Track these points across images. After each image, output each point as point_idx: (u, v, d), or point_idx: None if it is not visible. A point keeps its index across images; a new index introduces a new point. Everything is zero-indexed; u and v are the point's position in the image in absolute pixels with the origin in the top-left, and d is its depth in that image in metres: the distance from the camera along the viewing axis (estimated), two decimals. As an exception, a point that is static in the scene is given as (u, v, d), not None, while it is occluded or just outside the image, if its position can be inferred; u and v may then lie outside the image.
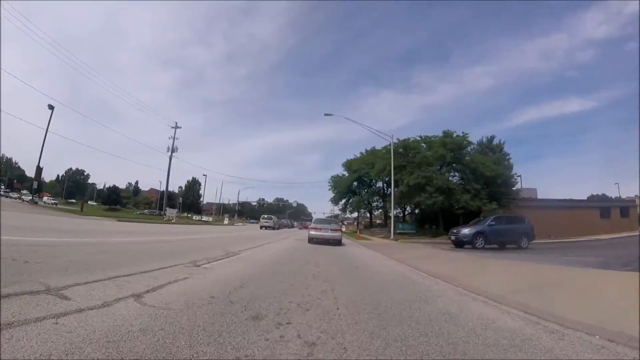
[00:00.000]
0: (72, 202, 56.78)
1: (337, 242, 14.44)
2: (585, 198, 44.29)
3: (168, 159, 42.10)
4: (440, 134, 29.96)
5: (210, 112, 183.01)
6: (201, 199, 74.98)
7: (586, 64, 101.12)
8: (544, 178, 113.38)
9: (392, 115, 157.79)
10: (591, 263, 8.06)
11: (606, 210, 32.25)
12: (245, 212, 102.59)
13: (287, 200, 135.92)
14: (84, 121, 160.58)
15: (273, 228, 36.13)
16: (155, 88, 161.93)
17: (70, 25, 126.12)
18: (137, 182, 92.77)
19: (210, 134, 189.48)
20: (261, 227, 35.64)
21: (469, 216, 24.81)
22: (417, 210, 35.83)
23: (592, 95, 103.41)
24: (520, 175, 35.40)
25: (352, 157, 42.24)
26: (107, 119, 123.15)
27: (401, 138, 30.27)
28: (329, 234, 14.33)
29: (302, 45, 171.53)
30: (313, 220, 17.20)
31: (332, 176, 45.32)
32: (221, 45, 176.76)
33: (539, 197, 35.36)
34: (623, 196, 46.18)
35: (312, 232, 14.62)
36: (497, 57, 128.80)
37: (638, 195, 40.49)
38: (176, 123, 43.31)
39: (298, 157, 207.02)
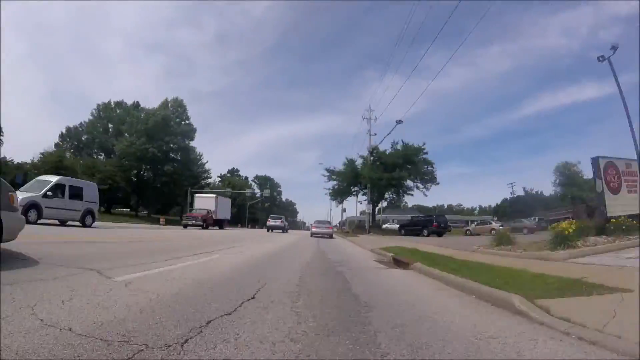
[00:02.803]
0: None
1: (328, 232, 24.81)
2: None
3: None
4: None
5: (199, 105, 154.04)
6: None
7: (609, 44, 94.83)
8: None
9: (397, 105, 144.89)
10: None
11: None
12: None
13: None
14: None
15: None
16: (140, 77, 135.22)
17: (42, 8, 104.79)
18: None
19: (198, 129, 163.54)
20: None
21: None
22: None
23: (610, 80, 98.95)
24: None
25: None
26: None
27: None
28: (324, 229, 24.20)
29: (301, 24, 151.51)
30: (314, 221, 26.49)
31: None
32: (212, 23, 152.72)
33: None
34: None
35: (314, 227, 24.81)
36: (515, 34, 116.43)
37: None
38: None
39: (294, 154, 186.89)
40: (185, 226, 26.47)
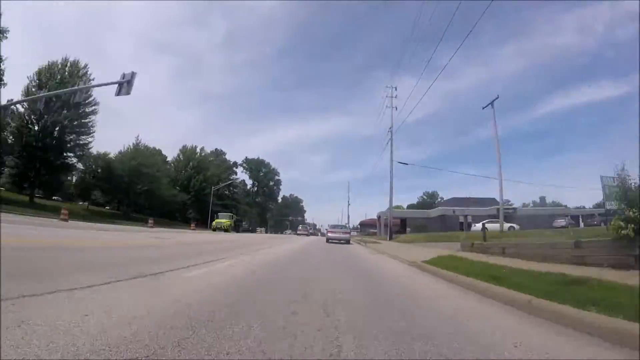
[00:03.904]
0: None
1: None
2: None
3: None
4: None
5: (208, 106, 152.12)
6: None
7: (625, 42, 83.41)
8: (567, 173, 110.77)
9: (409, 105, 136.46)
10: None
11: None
12: None
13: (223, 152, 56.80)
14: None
15: None
16: (147, 79, 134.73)
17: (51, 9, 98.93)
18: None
19: (207, 131, 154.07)
20: None
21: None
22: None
23: (626, 79, 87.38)
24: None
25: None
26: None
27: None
28: (340, 234, 22.94)
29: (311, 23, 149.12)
30: (329, 226, 27.77)
31: None
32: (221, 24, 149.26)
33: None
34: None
35: (330, 232, 23.70)
36: (530, 32, 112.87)
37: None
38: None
39: (304, 156, 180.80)
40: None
